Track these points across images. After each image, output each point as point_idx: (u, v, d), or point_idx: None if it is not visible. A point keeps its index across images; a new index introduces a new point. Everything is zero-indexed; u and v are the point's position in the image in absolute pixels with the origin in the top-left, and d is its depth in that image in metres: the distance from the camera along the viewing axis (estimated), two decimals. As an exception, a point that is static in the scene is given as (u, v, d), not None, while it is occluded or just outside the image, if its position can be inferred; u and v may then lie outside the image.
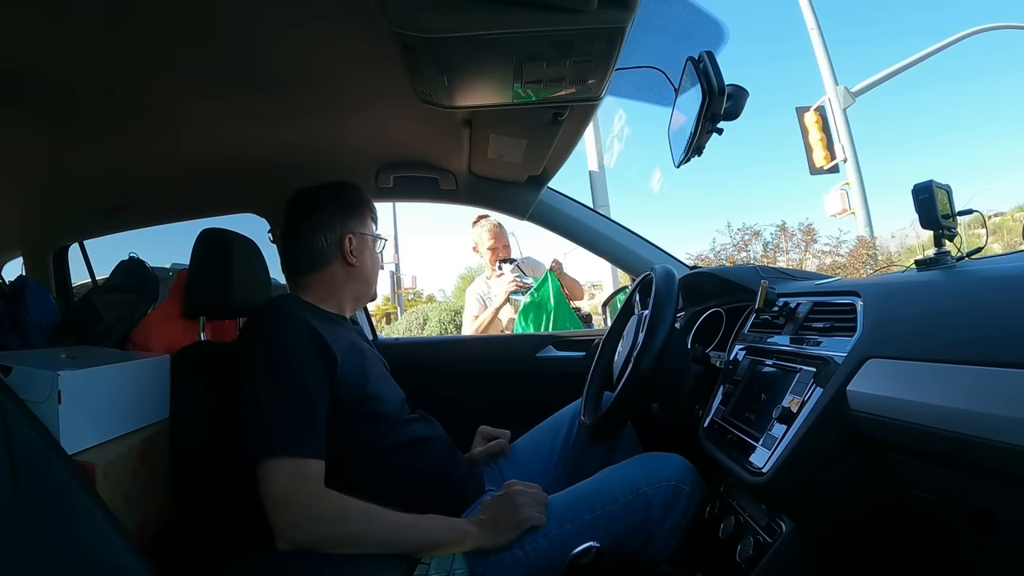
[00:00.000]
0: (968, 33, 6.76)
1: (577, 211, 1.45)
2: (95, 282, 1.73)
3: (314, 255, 0.95)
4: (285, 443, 0.73)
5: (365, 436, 0.85)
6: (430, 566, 0.78)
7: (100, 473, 0.74)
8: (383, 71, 0.83)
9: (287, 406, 0.76)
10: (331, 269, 0.96)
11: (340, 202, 0.99)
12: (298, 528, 0.70)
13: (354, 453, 0.83)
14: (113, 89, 0.87)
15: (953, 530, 0.57)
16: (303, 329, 0.83)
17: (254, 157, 1.17)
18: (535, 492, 0.84)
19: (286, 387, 0.77)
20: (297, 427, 0.75)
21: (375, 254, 1.02)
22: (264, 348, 0.80)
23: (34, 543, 0.34)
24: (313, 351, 0.81)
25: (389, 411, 0.89)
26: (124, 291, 1.15)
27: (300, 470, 0.73)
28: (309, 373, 0.79)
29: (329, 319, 0.92)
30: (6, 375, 0.73)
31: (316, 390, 0.79)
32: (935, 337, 0.56)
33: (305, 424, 0.76)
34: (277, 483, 0.72)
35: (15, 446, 0.36)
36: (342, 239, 0.96)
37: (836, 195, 7.48)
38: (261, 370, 0.78)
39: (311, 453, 0.75)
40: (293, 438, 0.74)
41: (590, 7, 0.62)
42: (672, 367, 0.94)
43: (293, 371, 0.78)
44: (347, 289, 0.98)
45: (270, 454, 0.73)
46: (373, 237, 1.02)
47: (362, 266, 0.99)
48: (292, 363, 0.79)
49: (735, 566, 0.72)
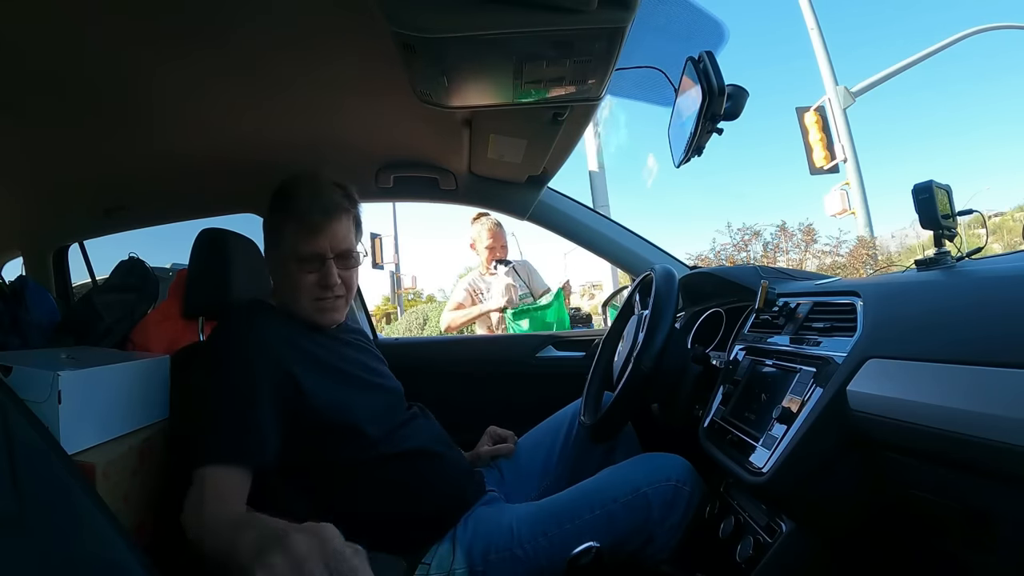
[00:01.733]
0: (968, 33, 6.76)
1: (577, 211, 1.45)
2: (95, 282, 1.73)
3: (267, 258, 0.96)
4: (211, 452, 0.71)
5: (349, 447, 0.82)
6: (430, 566, 0.78)
7: (100, 473, 0.74)
8: (383, 71, 0.83)
9: (222, 414, 0.74)
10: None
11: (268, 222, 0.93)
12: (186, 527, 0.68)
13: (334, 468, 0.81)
14: (113, 89, 0.87)
15: (953, 530, 0.57)
16: (260, 332, 0.81)
17: (254, 157, 1.17)
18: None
19: (225, 394, 0.75)
20: (227, 436, 0.72)
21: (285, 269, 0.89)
22: (214, 352, 0.80)
23: (34, 543, 0.34)
24: (266, 356, 0.78)
25: (363, 424, 0.84)
26: (124, 291, 1.15)
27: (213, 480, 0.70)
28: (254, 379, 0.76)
29: (296, 327, 0.88)
30: (6, 375, 0.73)
31: (259, 397, 0.75)
32: (935, 337, 0.56)
33: (236, 432, 0.73)
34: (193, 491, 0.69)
35: (15, 446, 0.36)
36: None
37: (836, 195, 7.48)
38: (206, 374, 0.78)
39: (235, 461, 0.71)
40: (224, 447, 0.71)
41: (590, 7, 0.62)
42: (672, 367, 0.94)
43: (235, 376, 0.76)
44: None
45: (195, 464, 0.70)
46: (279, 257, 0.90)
47: (276, 286, 0.95)
48: (236, 368, 0.77)
49: (735, 566, 0.72)
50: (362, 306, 1.72)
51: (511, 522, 0.83)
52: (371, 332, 1.72)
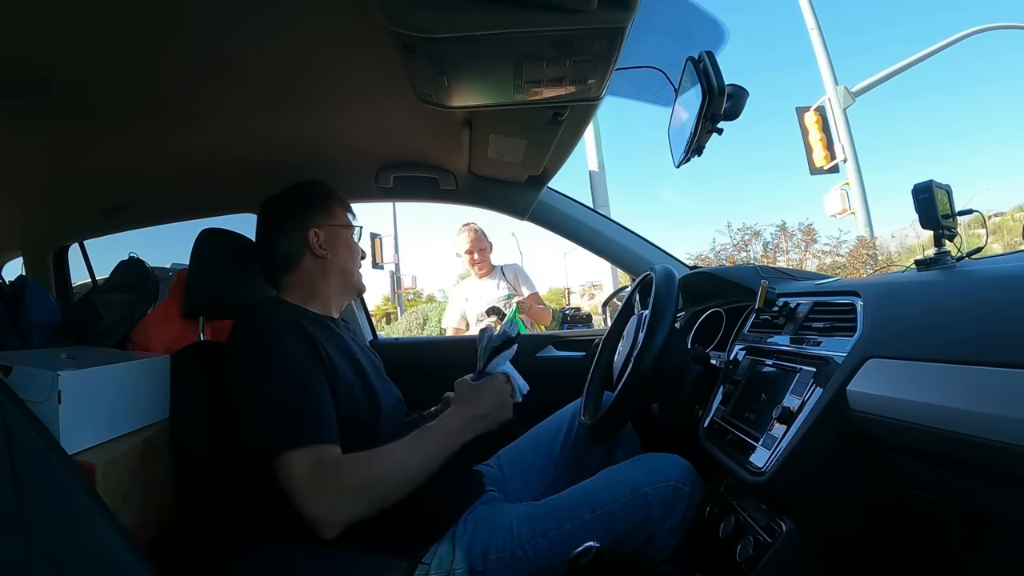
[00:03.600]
0: (968, 33, 6.76)
1: (577, 211, 1.45)
2: (95, 282, 1.73)
3: (284, 256, 0.95)
4: (298, 434, 0.74)
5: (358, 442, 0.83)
6: (430, 566, 0.78)
7: (100, 473, 0.74)
8: (383, 71, 0.83)
9: (292, 398, 0.77)
10: (305, 265, 0.96)
11: (301, 200, 0.98)
12: (337, 511, 0.72)
13: None
14: (113, 89, 0.87)
15: (953, 530, 0.57)
16: (295, 326, 0.83)
17: (254, 157, 1.17)
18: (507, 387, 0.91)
19: (288, 382, 0.78)
20: (306, 416, 0.76)
21: (350, 243, 1.01)
22: (258, 347, 0.81)
23: (34, 542, 0.34)
24: (307, 346, 0.82)
25: (382, 415, 0.88)
26: (124, 291, 1.15)
27: (319, 457, 0.74)
28: (307, 365, 0.80)
29: (316, 321, 0.91)
30: (6, 375, 0.73)
31: (317, 380, 0.79)
32: (935, 337, 0.56)
33: (313, 412, 0.77)
34: (300, 475, 0.72)
35: (15, 446, 0.36)
36: (307, 234, 0.95)
37: (836, 195, 7.48)
38: (258, 369, 0.79)
39: (326, 439, 0.76)
40: (305, 428, 0.75)
41: (590, 7, 0.62)
42: (672, 367, 0.94)
43: (292, 365, 0.79)
44: (326, 284, 0.97)
45: (285, 447, 0.73)
46: (343, 226, 1.00)
47: (335, 256, 0.97)
48: (288, 358, 0.79)
49: (735, 566, 0.72)
50: (362, 306, 1.72)
51: (511, 522, 0.83)
52: (371, 332, 1.72)
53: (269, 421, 0.76)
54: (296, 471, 0.73)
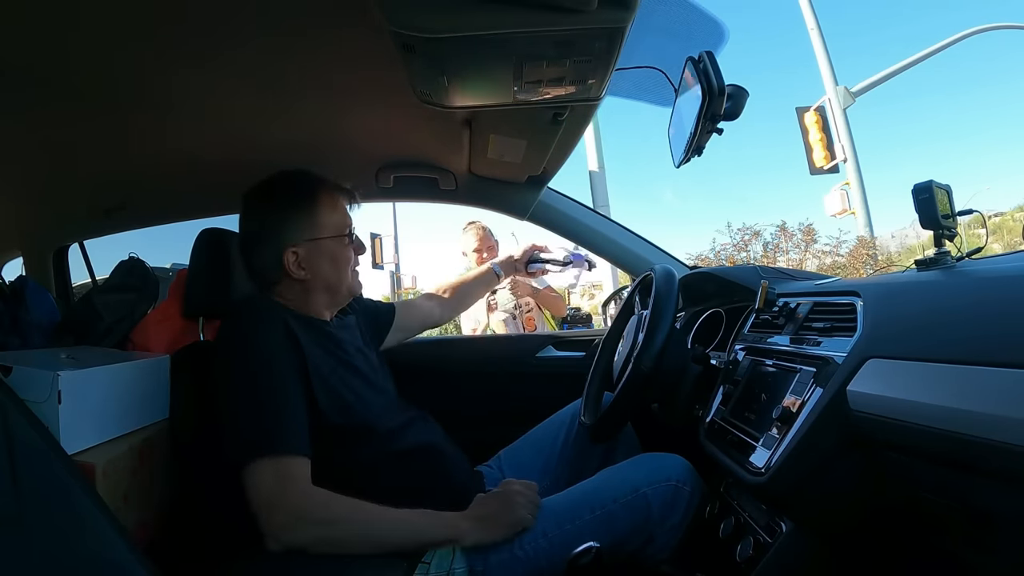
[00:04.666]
0: (968, 33, 6.76)
1: (577, 211, 1.45)
2: (95, 282, 1.73)
3: (263, 269, 0.89)
4: (263, 444, 0.72)
5: (348, 448, 0.82)
6: (430, 565, 0.78)
7: (100, 473, 0.74)
8: (383, 71, 0.83)
9: (262, 407, 0.75)
10: (285, 284, 0.89)
11: (278, 203, 0.89)
12: (287, 529, 0.70)
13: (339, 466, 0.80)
14: (113, 89, 0.87)
15: (954, 530, 0.57)
16: (276, 326, 0.81)
17: (254, 157, 1.16)
18: (531, 493, 0.83)
19: (260, 387, 0.76)
20: (273, 427, 0.74)
21: (336, 253, 0.90)
22: (236, 348, 0.80)
23: (34, 543, 0.34)
24: (285, 350, 0.79)
25: (371, 420, 0.85)
26: (124, 291, 1.15)
27: (283, 470, 0.72)
28: (282, 371, 0.77)
29: (305, 321, 0.87)
30: (6, 375, 0.73)
31: (292, 388, 0.77)
32: (935, 337, 0.56)
33: (281, 423, 0.74)
34: (261, 485, 0.71)
35: (15, 446, 0.36)
36: (282, 256, 0.86)
37: (836, 195, 7.48)
38: (233, 371, 0.78)
39: (292, 451, 0.73)
40: (271, 439, 0.73)
41: (590, 7, 0.62)
42: (672, 367, 0.94)
43: (265, 370, 0.77)
44: (310, 299, 0.91)
45: (250, 457, 0.72)
46: (327, 238, 0.89)
47: (316, 275, 0.88)
48: (263, 362, 0.77)
49: (735, 566, 0.72)
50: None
51: (511, 522, 0.83)
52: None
53: (235, 430, 0.74)
54: (259, 481, 0.71)
